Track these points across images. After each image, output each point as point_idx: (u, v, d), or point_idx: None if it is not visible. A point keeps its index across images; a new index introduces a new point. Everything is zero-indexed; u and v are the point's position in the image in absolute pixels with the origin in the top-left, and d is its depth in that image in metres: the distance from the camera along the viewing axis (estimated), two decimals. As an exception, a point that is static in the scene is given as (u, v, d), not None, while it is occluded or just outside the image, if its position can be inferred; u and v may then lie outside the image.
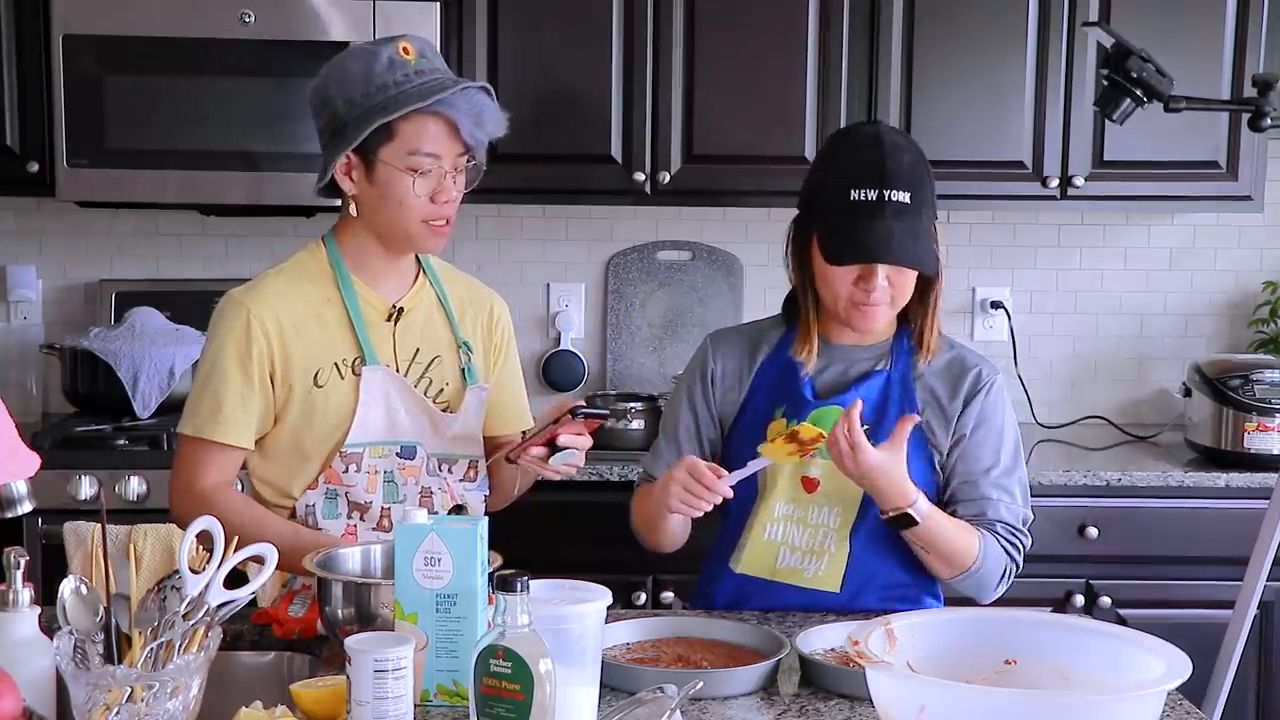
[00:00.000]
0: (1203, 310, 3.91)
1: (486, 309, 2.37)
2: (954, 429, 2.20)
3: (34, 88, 3.34)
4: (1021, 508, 2.21)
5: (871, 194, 2.09)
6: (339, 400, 2.18)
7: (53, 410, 3.69)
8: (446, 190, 2.17)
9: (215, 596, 1.61)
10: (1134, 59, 2.39)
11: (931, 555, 2.13)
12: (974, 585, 2.17)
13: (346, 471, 2.19)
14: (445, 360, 2.28)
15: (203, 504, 2.10)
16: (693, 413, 2.30)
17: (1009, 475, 2.20)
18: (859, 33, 3.43)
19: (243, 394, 2.16)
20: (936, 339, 2.23)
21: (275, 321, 2.17)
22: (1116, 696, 1.52)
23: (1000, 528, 2.17)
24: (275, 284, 2.22)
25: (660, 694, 1.61)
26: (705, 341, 2.35)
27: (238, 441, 2.18)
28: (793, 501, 2.18)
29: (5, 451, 1.44)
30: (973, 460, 2.19)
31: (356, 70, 2.13)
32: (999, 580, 2.18)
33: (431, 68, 2.16)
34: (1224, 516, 3.20)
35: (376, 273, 2.25)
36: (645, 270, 3.82)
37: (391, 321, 2.24)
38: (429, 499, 2.23)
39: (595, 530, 2.53)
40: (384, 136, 2.13)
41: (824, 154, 2.24)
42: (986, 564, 2.15)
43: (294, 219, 3.73)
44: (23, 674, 1.52)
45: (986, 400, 2.20)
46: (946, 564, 2.14)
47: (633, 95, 3.43)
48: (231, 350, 2.16)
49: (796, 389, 2.21)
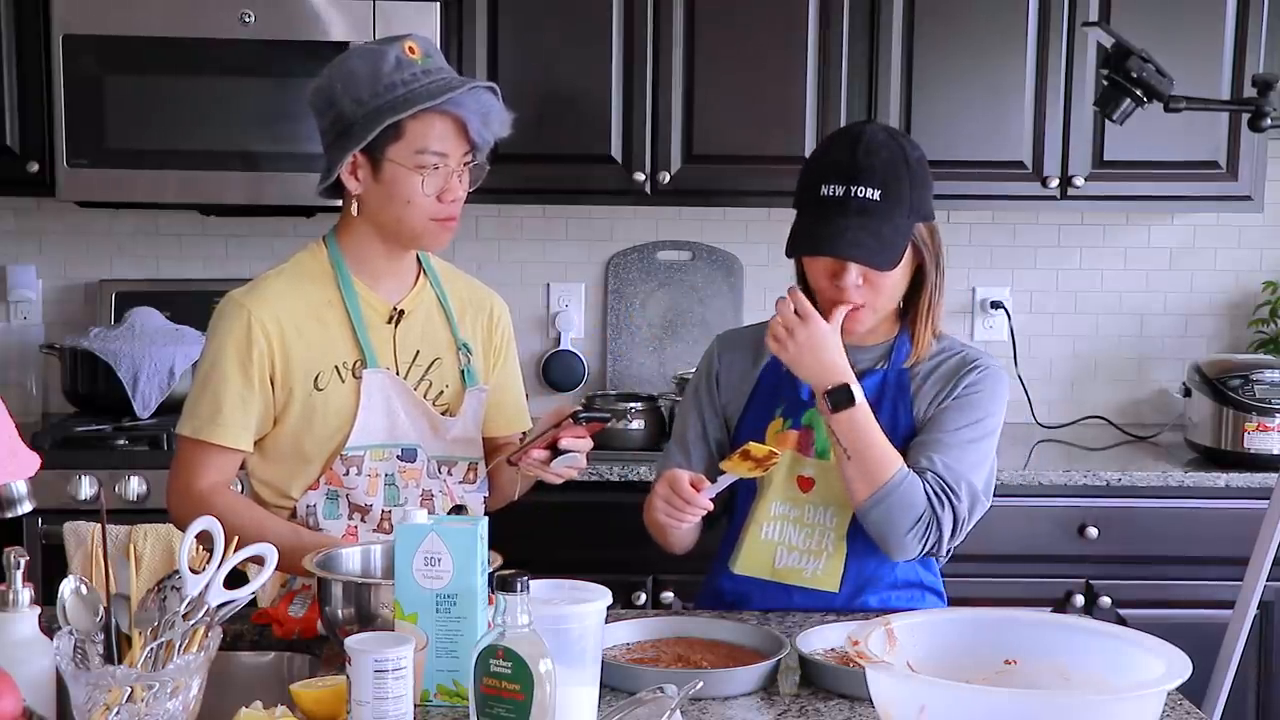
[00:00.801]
0: (1203, 310, 3.91)
1: (487, 310, 2.37)
2: (939, 405, 2.20)
3: (34, 88, 3.34)
4: (965, 472, 2.13)
5: (839, 189, 2.10)
6: (339, 403, 2.18)
7: (53, 410, 3.69)
8: (453, 189, 2.17)
9: (215, 596, 1.61)
10: (1134, 59, 2.39)
11: (853, 460, 2.09)
12: (885, 515, 2.08)
13: (347, 474, 2.19)
14: (445, 362, 2.28)
15: (201, 505, 2.09)
16: (699, 416, 2.30)
17: (960, 442, 2.15)
18: (859, 33, 3.43)
19: (242, 396, 2.16)
20: (929, 337, 2.22)
21: (276, 323, 2.17)
22: (1116, 696, 1.52)
23: (930, 476, 2.11)
24: (276, 285, 2.21)
25: (660, 694, 1.61)
26: (712, 344, 2.36)
27: (236, 444, 2.17)
28: (789, 501, 2.18)
29: (5, 451, 1.44)
30: (934, 425, 2.17)
31: (363, 70, 2.13)
32: (914, 525, 2.09)
33: (437, 67, 2.16)
34: (1224, 516, 3.20)
35: (378, 273, 2.25)
36: (645, 270, 3.82)
37: (392, 324, 2.24)
38: (429, 501, 2.23)
39: (595, 530, 2.53)
40: (392, 136, 2.13)
41: (813, 151, 2.27)
42: (904, 490, 2.08)
43: (294, 219, 3.73)
44: (23, 674, 1.52)
45: (973, 378, 2.19)
46: (865, 472, 2.08)
47: (633, 95, 3.43)
48: (232, 352, 2.16)
49: (794, 391, 2.22)
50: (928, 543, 2.12)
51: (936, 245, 2.20)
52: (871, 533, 2.12)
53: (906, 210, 2.12)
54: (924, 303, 2.21)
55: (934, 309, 2.22)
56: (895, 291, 2.18)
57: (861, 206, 2.09)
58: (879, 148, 2.12)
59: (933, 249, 2.19)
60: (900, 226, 2.12)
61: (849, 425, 2.09)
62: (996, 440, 2.22)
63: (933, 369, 2.22)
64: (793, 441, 2.18)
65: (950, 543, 2.16)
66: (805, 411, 2.19)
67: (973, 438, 2.17)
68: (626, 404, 3.39)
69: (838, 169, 2.11)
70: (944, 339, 2.27)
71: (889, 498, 2.08)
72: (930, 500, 2.10)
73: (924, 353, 2.22)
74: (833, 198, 2.10)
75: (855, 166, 2.10)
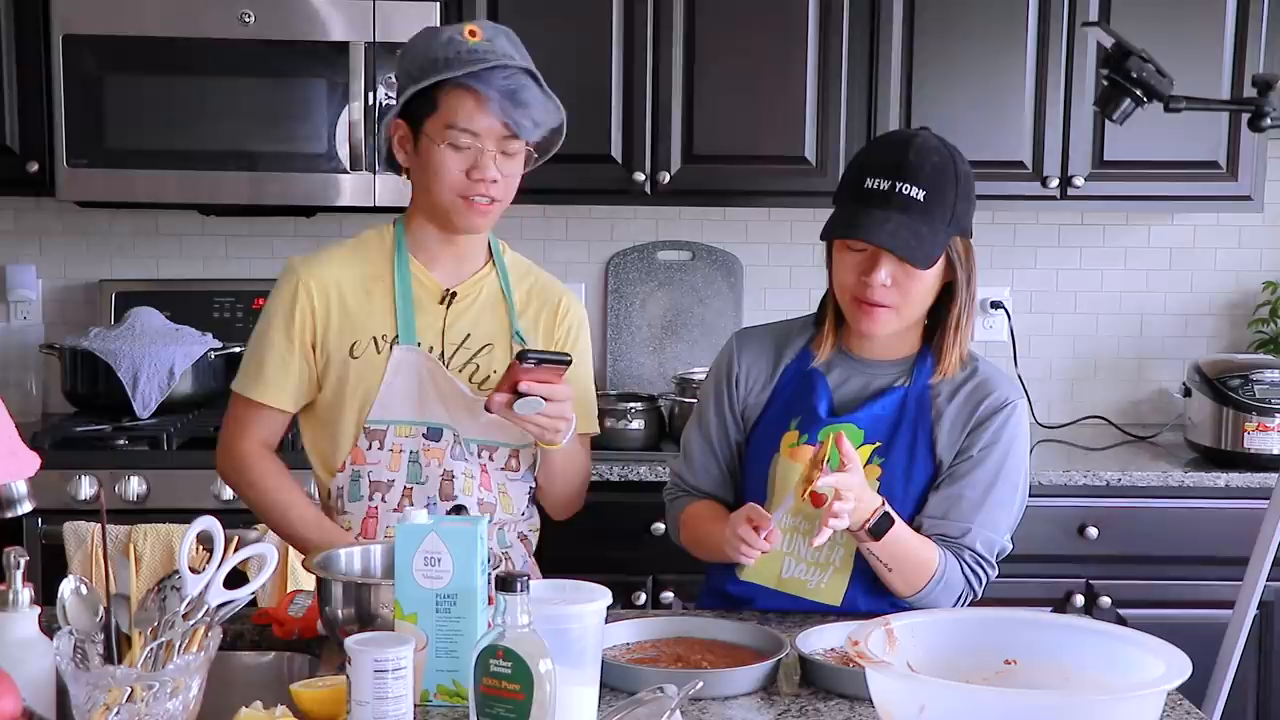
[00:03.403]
0: (1203, 310, 3.91)
1: (553, 303, 2.36)
2: (960, 446, 2.15)
3: (34, 88, 3.34)
4: (998, 539, 2.15)
5: (884, 184, 2.07)
6: (371, 374, 2.23)
7: (53, 410, 3.69)
8: (483, 169, 2.18)
9: (215, 596, 1.61)
10: (1134, 59, 2.39)
11: (894, 570, 2.09)
12: (930, 603, 2.11)
13: (370, 448, 2.23)
14: (497, 349, 2.28)
15: (239, 467, 2.28)
16: (719, 415, 2.27)
17: (999, 506, 2.14)
18: (859, 33, 3.43)
19: (284, 357, 2.25)
20: (956, 358, 2.17)
21: (322, 289, 2.24)
22: (1116, 696, 1.52)
23: (968, 555, 2.13)
24: (333, 254, 2.30)
25: (660, 694, 1.61)
26: (730, 341, 2.32)
27: (275, 402, 2.26)
28: (799, 513, 2.14)
29: (5, 451, 1.44)
30: (966, 481, 2.13)
31: (420, 45, 2.21)
32: (956, 602, 2.14)
33: (488, 50, 2.16)
34: (1224, 516, 3.20)
35: (435, 254, 2.29)
36: (645, 270, 3.82)
37: (444, 304, 2.27)
38: (450, 483, 2.23)
39: (595, 530, 2.52)
40: (428, 108, 2.17)
41: (861, 149, 2.28)
42: (945, 584, 2.11)
43: (294, 219, 3.73)
44: (23, 674, 1.51)
45: (999, 424, 2.14)
46: (906, 579, 2.10)
47: (633, 95, 3.43)
48: (279, 313, 2.25)
49: (812, 404, 2.18)
50: (965, 605, 2.16)
51: (971, 263, 2.16)
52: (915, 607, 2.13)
53: (948, 217, 2.09)
54: (952, 320, 2.15)
55: (962, 328, 2.17)
56: (921, 301, 2.13)
57: (905, 203, 2.06)
58: (931, 151, 2.10)
59: (966, 266, 2.15)
60: (940, 231, 2.09)
61: (891, 545, 2.07)
62: (1027, 484, 2.21)
63: (955, 389, 2.17)
64: (808, 456, 2.15)
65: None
66: (823, 428, 2.14)
67: (1005, 501, 2.15)
68: (626, 404, 3.39)
69: (885, 165, 2.09)
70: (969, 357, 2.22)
71: (933, 592, 2.11)
72: (968, 579, 2.13)
73: (950, 373, 2.17)
74: (877, 191, 2.07)
75: (904, 164, 2.07)
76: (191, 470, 3.14)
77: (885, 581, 2.12)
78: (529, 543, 2.35)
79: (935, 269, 2.11)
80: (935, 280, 2.14)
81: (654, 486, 2.55)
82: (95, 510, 3.07)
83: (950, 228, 2.11)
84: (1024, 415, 2.19)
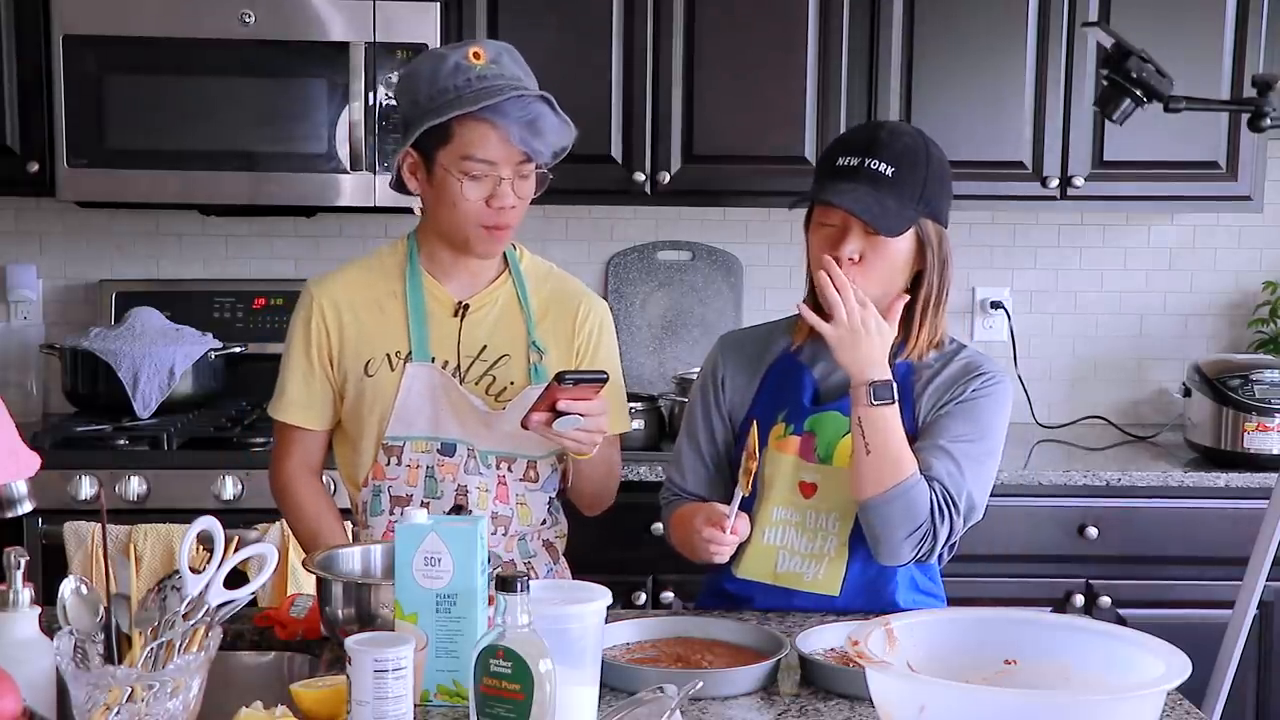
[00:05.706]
0: (1203, 310, 3.91)
1: (573, 309, 2.34)
2: (940, 403, 2.17)
3: (34, 88, 3.34)
4: (966, 486, 2.11)
5: (854, 160, 2.13)
6: (386, 391, 2.24)
7: (53, 410, 3.69)
8: (502, 196, 2.18)
9: (215, 596, 1.61)
10: (1134, 59, 2.39)
11: (873, 456, 2.07)
12: (887, 516, 2.06)
13: (389, 464, 2.24)
14: (514, 359, 2.28)
15: (282, 491, 2.34)
16: (707, 418, 2.30)
17: (967, 456, 2.12)
18: (859, 32, 3.44)
19: (305, 378, 2.29)
20: (925, 340, 2.19)
21: (335, 308, 2.27)
22: (1116, 696, 1.52)
23: (937, 487, 2.10)
24: (347, 273, 2.32)
25: (660, 694, 1.61)
26: (715, 346, 2.35)
27: (303, 422, 2.30)
28: (790, 506, 2.17)
29: (5, 451, 1.44)
30: (939, 430, 2.14)
31: (425, 72, 2.17)
32: (913, 532, 2.07)
33: (497, 74, 2.16)
34: (1224, 516, 3.20)
35: (447, 268, 2.29)
36: (645, 270, 3.82)
37: (458, 317, 2.27)
38: (465, 496, 2.24)
39: (595, 530, 2.52)
40: (441, 139, 2.16)
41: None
42: (912, 495, 2.07)
43: (294, 219, 3.73)
44: (23, 674, 1.51)
45: (978, 385, 2.16)
46: (879, 471, 2.06)
47: (633, 95, 3.43)
48: (299, 335, 2.29)
49: (797, 396, 2.20)
50: (920, 551, 2.11)
51: (944, 252, 2.17)
52: (868, 533, 2.11)
53: (917, 195, 2.12)
54: (919, 301, 2.17)
55: (930, 313, 2.19)
56: (887, 280, 2.14)
57: (873, 176, 2.10)
58: (902, 134, 2.17)
59: (939, 254, 2.17)
60: (908, 206, 2.11)
61: (881, 421, 2.07)
62: (1000, 457, 2.20)
63: (937, 372, 2.20)
64: (795, 447, 2.17)
65: (940, 552, 2.16)
66: (808, 418, 2.18)
67: (980, 454, 2.14)
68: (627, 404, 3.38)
69: (856, 144, 2.16)
70: (952, 344, 2.24)
71: (897, 500, 2.07)
72: (933, 510, 2.09)
73: (919, 355, 2.19)
74: (847, 166, 2.13)
75: (875, 141, 2.14)
76: (192, 470, 3.14)
77: (856, 475, 2.09)
78: (555, 549, 2.35)
79: (905, 251, 2.14)
80: (904, 262, 2.15)
81: (654, 486, 2.54)
82: (95, 510, 3.07)
83: (920, 206, 2.13)
84: (1007, 390, 2.20)
